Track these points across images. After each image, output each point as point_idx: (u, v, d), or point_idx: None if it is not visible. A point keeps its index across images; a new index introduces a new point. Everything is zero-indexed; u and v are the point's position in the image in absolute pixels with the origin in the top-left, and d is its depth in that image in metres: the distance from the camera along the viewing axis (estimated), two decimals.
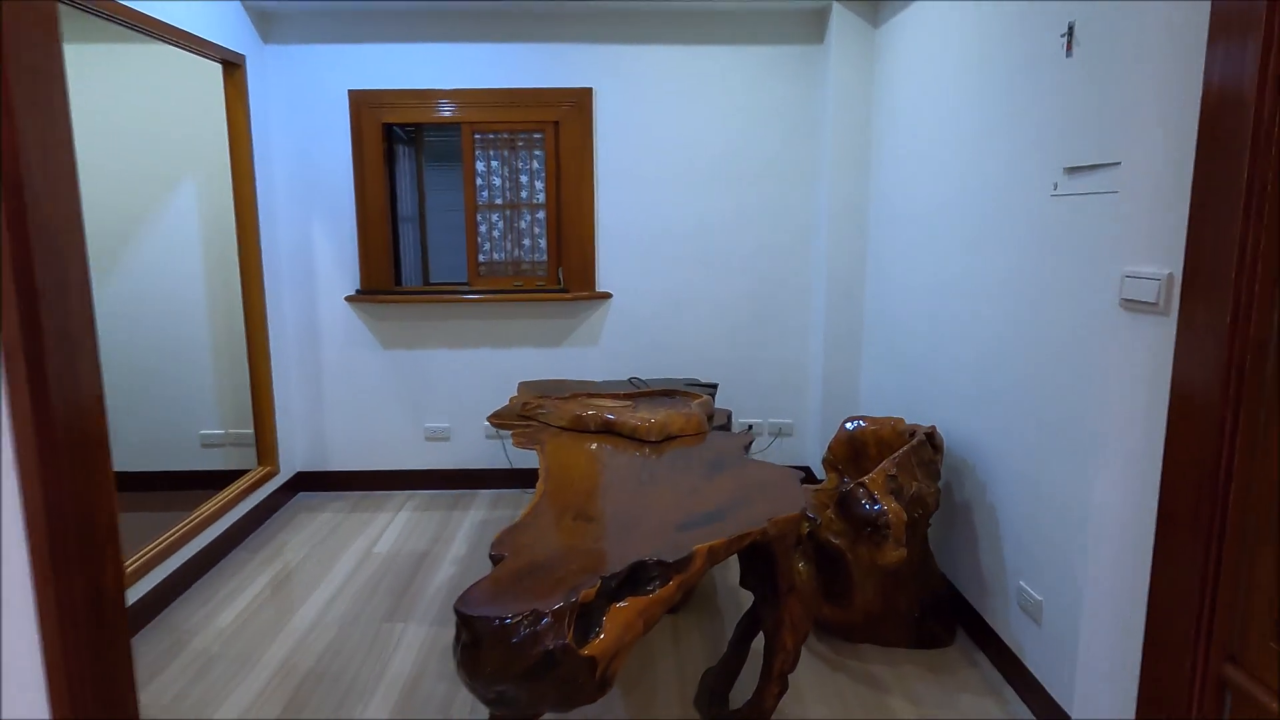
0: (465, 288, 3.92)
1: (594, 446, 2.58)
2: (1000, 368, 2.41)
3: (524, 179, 3.89)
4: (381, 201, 3.81)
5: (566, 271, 3.90)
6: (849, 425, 3.00)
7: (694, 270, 3.93)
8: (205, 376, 4.06)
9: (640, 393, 3.09)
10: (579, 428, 2.70)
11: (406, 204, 4.04)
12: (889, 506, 2.37)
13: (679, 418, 2.66)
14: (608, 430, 2.68)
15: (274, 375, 3.81)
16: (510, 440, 2.97)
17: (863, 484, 2.44)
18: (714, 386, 3.47)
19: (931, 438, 2.58)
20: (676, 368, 4.01)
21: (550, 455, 2.41)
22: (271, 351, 3.79)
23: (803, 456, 4.10)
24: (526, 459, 4.07)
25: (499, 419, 2.83)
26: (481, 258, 3.94)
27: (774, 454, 4.09)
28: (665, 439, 2.60)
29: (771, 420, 4.07)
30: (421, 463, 4.08)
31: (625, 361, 4.00)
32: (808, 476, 4.06)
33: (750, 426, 4.06)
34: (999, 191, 2.41)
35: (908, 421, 3.05)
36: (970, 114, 2.59)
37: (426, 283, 4.16)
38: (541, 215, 3.92)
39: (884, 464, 2.47)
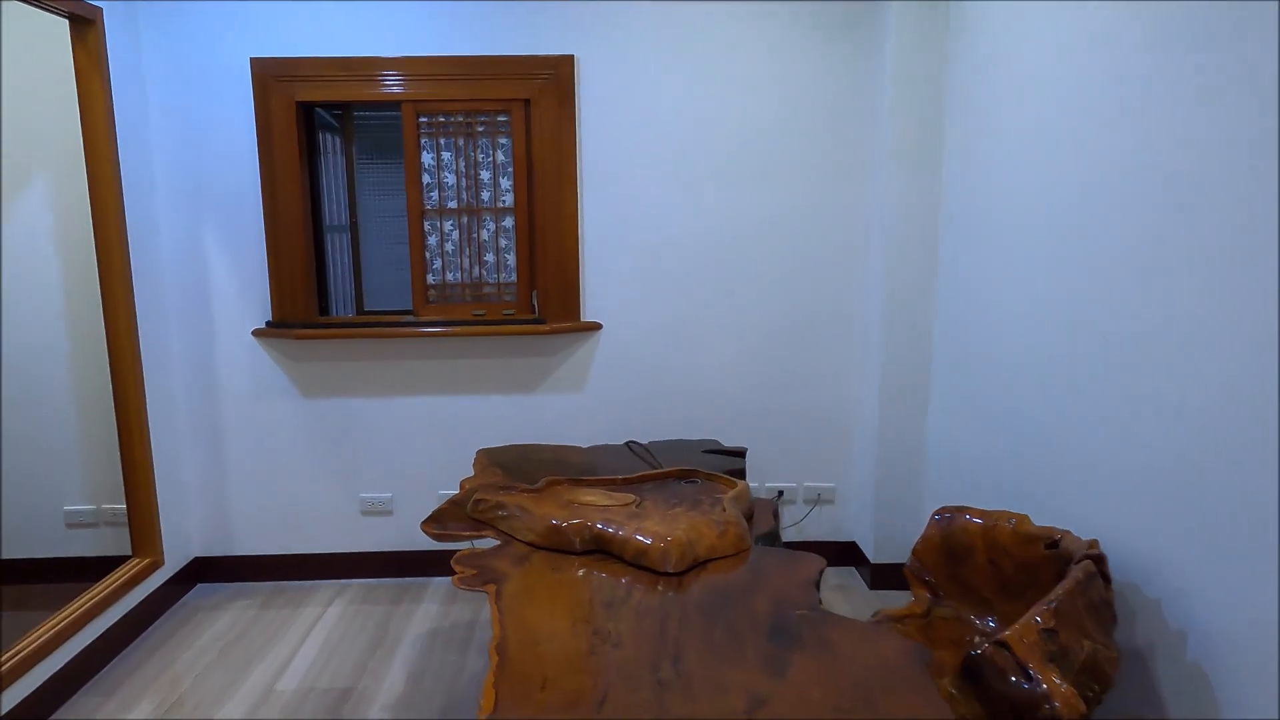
0: (411, 318, 3.01)
1: (580, 575, 1.68)
2: (1222, 467, 1.53)
3: (485, 175, 2.98)
4: (298, 206, 2.90)
5: (542, 296, 2.99)
6: (939, 519, 2.12)
7: (707, 294, 3.03)
8: (68, 437, 3.10)
9: (645, 476, 2.18)
10: (558, 546, 1.79)
11: (334, 210, 3.12)
12: (1054, 686, 1.48)
13: (709, 530, 1.76)
14: (599, 549, 1.77)
15: (155, 436, 2.87)
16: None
17: (1005, 644, 1.55)
18: (742, 453, 2.57)
19: (1100, 565, 1.69)
20: (685, 421, 3.11)
21: (508, 611, 1.49)
22: (151, 403, 2.85)
23: (846, 529, 3.20)
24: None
25: (438, 526, 1.91)
26: (432, 279, 3.03)
27: (811, 526, 3.19)
28: (691, 567, 1.70)
29: (807, 484, 3.17)
30: (356, 544, 3.15)
31: (619, 413, 3.09)
32: (854, 553, 3.17)
33: (780, 493, 3.16)
34: (1198, 189, 1.53)
35: (1035, 521, 2.15)
36: (1129, 77, 1.72)
37: (360, 312, 3.23)
38: (509, 222, 3.01)
39: (1036, 610, 1.58)
